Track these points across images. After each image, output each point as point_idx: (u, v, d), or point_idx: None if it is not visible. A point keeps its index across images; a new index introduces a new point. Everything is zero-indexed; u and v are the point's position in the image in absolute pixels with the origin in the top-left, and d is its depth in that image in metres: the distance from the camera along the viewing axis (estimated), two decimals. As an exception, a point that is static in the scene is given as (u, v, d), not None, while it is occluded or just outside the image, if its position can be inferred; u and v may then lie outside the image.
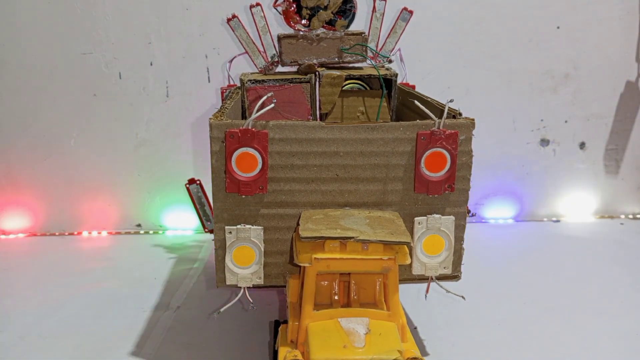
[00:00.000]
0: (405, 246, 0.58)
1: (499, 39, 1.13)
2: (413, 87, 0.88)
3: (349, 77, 0.80)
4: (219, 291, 0.85)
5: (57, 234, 1.16)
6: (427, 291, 0.70)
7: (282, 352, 0.59)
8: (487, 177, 1.19)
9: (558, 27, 1.13)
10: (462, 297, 0.70)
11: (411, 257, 0.63)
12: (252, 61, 0.83)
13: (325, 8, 0.79)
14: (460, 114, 0.65)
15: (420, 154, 0.62)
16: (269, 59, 0.82)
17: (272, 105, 0.61)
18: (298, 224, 0.61)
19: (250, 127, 0.60)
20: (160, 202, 1.16)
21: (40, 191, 1.14)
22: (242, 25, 0.81)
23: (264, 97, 0.63)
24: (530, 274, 0.96)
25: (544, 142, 1.19)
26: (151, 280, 0.94)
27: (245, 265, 0.64)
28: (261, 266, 0.64)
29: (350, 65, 0.84)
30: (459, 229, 0.65)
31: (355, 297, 0.61)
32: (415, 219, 0.64)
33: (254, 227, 0.63)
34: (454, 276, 0.68)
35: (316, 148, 0.62)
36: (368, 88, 0.84)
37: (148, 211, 1.17)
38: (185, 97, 1.11)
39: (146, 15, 1.07)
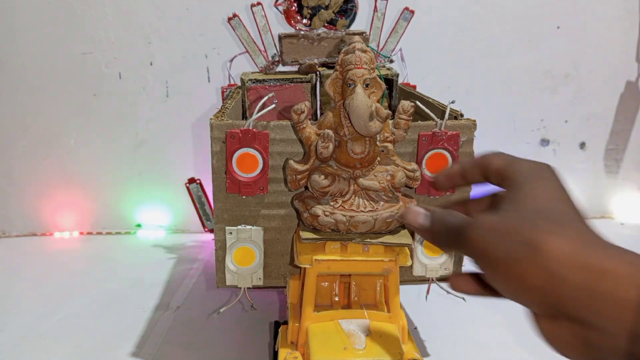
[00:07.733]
0: (406, 248, 0.58)
1: (499, 39, 1.13)
2: (414, 87, 0.88)
3: None
4: (219, 291, 0.85)
5: (56, 233, 1.16)
6: (427, 292, 0.70)
7: (282, 353, 0.59)
8: (488, 178, 1.19)
9: (558, 27, 1.13)
10: (463, 298, 0.70)
11: (412, 258, 0.63)
12: (253, 60, 0.83)
13: (327, 7, 0.79)
14: (462, 115, 0.65)
15: (422, 155, 0.62)
16: (270, 59, 0.82)
17: (273, 105, 0.61)
18: (299, 225, 0.61)
19: (251, 128, 0.60)
20: (160, 202, 1.16)
21: (39, 191, 1.14)
22: (242, 24, 0.81)
23: (265, 98, 0.63)
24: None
25: (544, 142, 1.19)
26: (151, 280, 0.94)
27: (246, 266, 0.64)
28: (261, 267, 0.64)
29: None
30: (460, 230, 0.65)
31: (355, 299, 0.61)
32: (416, 219, 0.64)
33: (255, 227, 0.63)
34: (455, 277, 0.67)
35: (317, 149, 0.62)
36: (368, 88, 0.83)
37: (148, 211, 1.17)
38: (185, 97, 1.11)
39: (146, 15, 1.07)
